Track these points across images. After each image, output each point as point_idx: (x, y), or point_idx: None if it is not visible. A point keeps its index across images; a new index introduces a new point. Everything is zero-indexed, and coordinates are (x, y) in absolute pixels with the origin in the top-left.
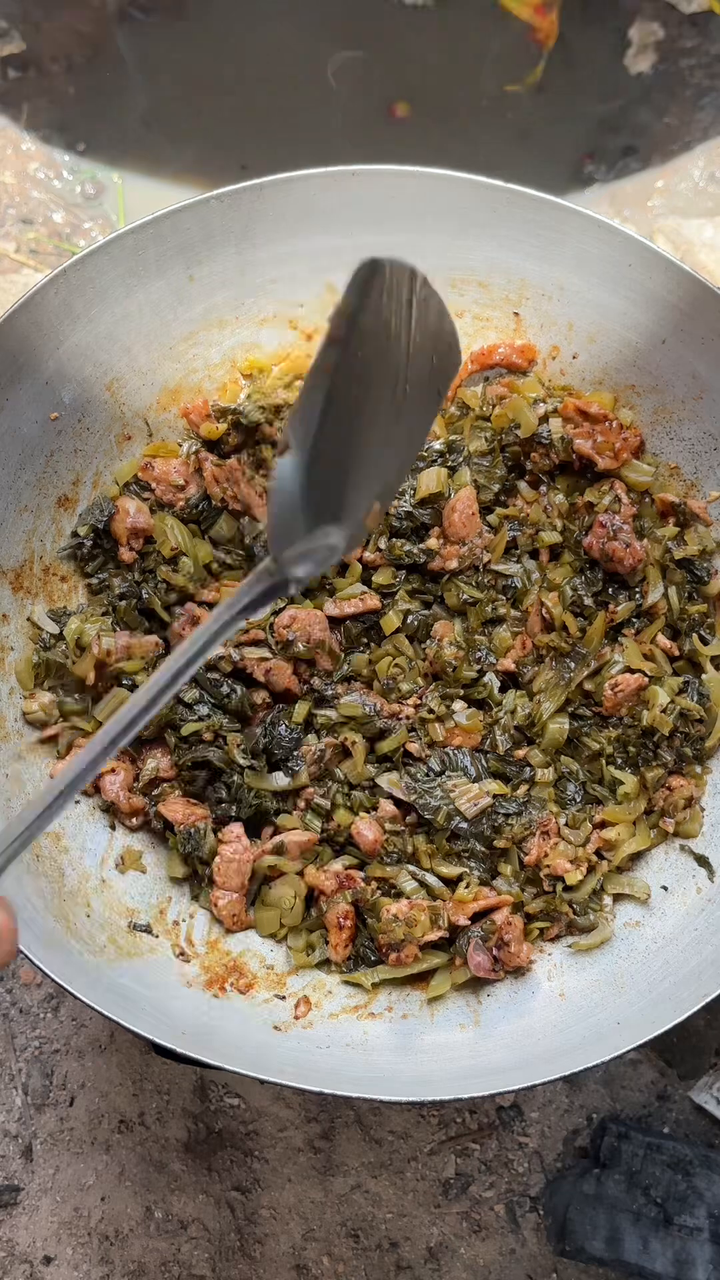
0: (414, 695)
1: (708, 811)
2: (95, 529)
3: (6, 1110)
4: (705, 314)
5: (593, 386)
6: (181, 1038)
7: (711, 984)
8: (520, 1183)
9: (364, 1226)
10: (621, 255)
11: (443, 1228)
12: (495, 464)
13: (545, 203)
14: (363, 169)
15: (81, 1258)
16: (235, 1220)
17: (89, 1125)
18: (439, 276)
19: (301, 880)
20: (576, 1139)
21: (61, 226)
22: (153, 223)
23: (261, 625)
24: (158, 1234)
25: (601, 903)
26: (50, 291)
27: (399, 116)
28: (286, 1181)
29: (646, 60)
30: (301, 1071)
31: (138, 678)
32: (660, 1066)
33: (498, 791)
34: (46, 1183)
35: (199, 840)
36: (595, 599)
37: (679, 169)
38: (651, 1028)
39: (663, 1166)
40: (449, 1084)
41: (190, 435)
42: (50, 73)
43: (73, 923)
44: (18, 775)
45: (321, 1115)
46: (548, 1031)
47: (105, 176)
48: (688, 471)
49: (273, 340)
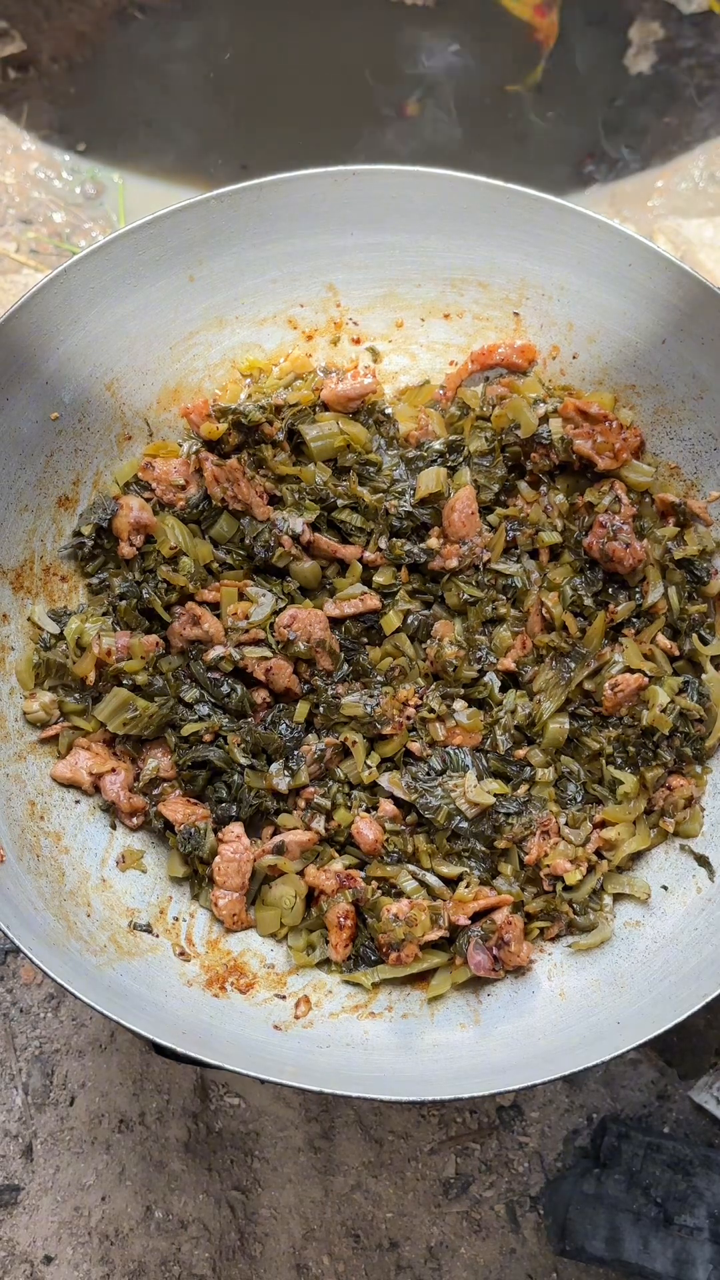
0: (415, 695)
1: (708, 811)
2: (99, 528)
3: (6, 1110)
4: (705, 314)
5: (593, 386)
6: (182, 1037)
7: (711, 984)
8: (520, 1182)
9: (364, 1226)
10: (621, 255)
11: (443, 1227)
12: (495, 464)
13: (545, 203)
14: (363, 169)
15: (81, 1257)
16: (235, 1220)
17: (89, 1125)
18: (439, 276)
19: (302, 880)
20: (576, 1139)
21: (61, 226)
22: (153, 223)
23: (262, 625)
24: (158, 1233)
25: (601, 902)
26: (50, 291)
27: (409, 114)
28: (287, 1181)
29: (646, 60)
30: (302, 1071)
31: (138, 678)
32: (660, 1066)
33: (498, 791)
34: (46, 1182)
35: (199, 840)
36: (595, 599)
37: (679, 169)
38: (652, 1027)
39: (663, 1166)
40: (449, 1084)
41: (190, 435)
42: (50, 73)
43: (73, 922)
44: (18, 775)
45: (321, 1115)
46: (548, 1031)
47: (105, 176)
48: (688, 471)
49: (273, 340)
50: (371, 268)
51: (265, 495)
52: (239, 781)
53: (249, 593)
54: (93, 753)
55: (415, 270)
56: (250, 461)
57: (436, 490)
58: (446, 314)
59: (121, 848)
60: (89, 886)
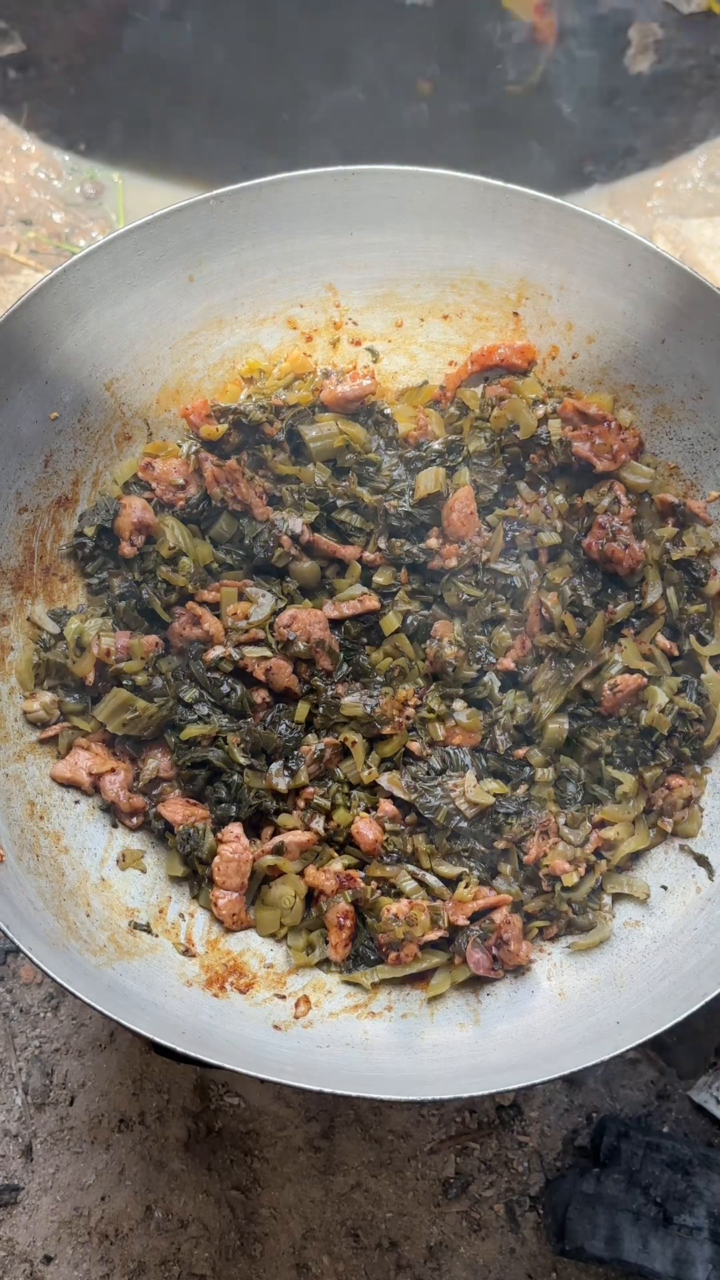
0: (414, 695)
1: (707, 811)
2: (100, 528)
3: (6, 1110)
4: (705, 314)
5: (592, 386)
6: (181, 1037)
7: (711, 983)
8: (520, 1182)
9: (364, 1226)
10: (621, 255)
11: (443, 1227)
12: (495, 464)
13: (545, 203)
14: (363, 169)
15: (81, 1257)
16: (235, 1219)
17: (89, 1124)
18: (439, 277)
19: (301, 880)
20: (576, 1138)
21: (61, 226)
22: (153, 223)
23: (262, 625)
24: (158, 1233)
25: (601, 902)
26: (50, 291)
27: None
28: (286, 1181)
29: (646, 60)
30: (301, 1070)
31: (138, 678)
32: (660, 1066)
33: (498, 791)
34: (46, 1182)
35: (198, 840)
36: (594, 599)
37: (679, 169)
38: (651, 1027)
39: (662, 1166)
40: (449, 1083)
41: (190, 435)
42: (50, 73)
43: (73, 922)
44: (18, 775)
45: (321, 1114)
46: (548, 1031)
47: (105, 176)
48: (687, 471)
49: (273, 340)
50: (371, 268)
51: (265, 495)
52: (239, 781)
53: (249, 593)
54: (92, 753)
55: (415, 270)
56: (250, 462)
57: (435, 490)
58: (446, 314)
59: (121, 848)
60: (88, 886)
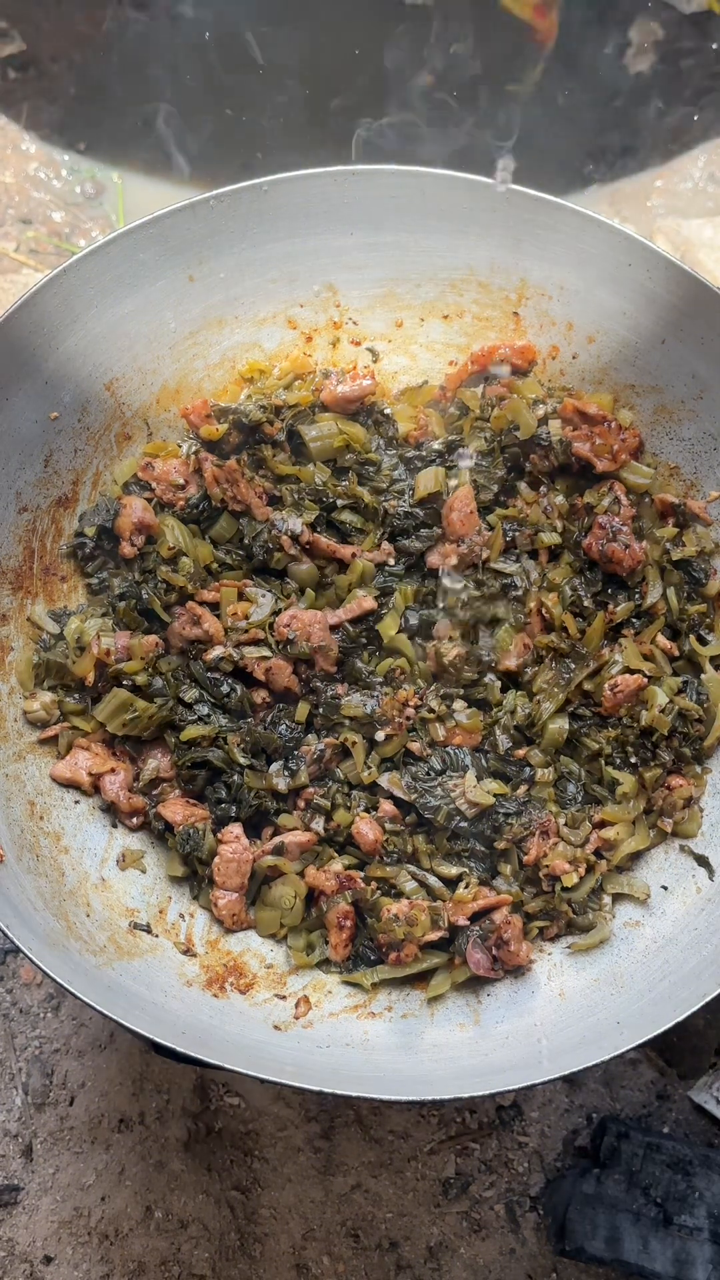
0: (414, 695)
1: (707, 811)
2: (101, 528)
3: (6, 1110)
4: (705, 314)
5: (592, 386)
6: (181, 1037)
7: (711, 984)
8: (520, 1182)
9: (364, 1226)
10: (621, 255)
11: (443, 1227)
12: (495, 464)
13: (545, 203)
14: (363, 169)
15: (81, 1257)
16: (235, 1220)
17: (89, 1125)
18: (439, 277)
19: (301, 880)
20: (576, 1139)
21: (61, 226)
22: (153, 223)
23: (261, 625)
24: (157, 1233)
25: (601, 902)
26: (50, 291)
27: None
28: (286, 1181)
29: (646, 60)
30: (301, 1071)
31: (138, 678)
32: (660, 1066)
33: (498, 791)
34: (46, 1182)
35: (198, 840)
36: (595, 599)
37: (679, 169)
38: (651, 1027)
39: (662, 1166)
40: (449, 1083)
41: (190, 435)
42: (50, 73)
43: (73, 922)
44: (18, 775)
45: (321, 1115)
46: (548, 1031)
47: (105, 176)
48: (687, 471)
49: (272, 340)
50: (371, 268)
51: (265, 495)
52: (239, 782)
53: (249, 593)
54: (92, 753)
55: (415, 270)
56: (250, 462)
57: (435, 490)
58: (446, 314)
59: (121, 848)
60: (88, 886)
